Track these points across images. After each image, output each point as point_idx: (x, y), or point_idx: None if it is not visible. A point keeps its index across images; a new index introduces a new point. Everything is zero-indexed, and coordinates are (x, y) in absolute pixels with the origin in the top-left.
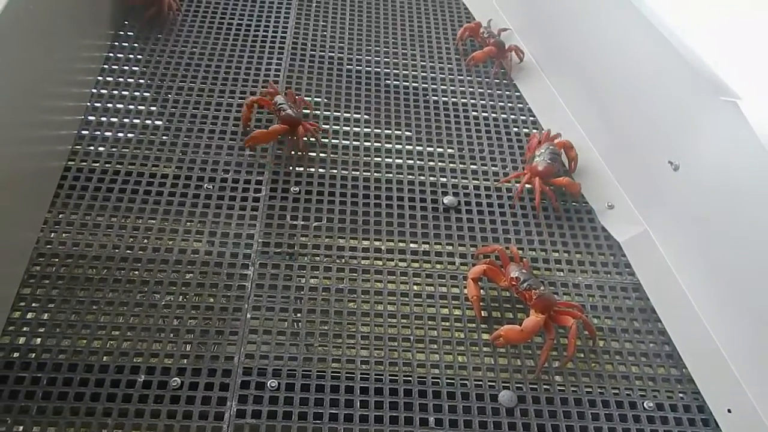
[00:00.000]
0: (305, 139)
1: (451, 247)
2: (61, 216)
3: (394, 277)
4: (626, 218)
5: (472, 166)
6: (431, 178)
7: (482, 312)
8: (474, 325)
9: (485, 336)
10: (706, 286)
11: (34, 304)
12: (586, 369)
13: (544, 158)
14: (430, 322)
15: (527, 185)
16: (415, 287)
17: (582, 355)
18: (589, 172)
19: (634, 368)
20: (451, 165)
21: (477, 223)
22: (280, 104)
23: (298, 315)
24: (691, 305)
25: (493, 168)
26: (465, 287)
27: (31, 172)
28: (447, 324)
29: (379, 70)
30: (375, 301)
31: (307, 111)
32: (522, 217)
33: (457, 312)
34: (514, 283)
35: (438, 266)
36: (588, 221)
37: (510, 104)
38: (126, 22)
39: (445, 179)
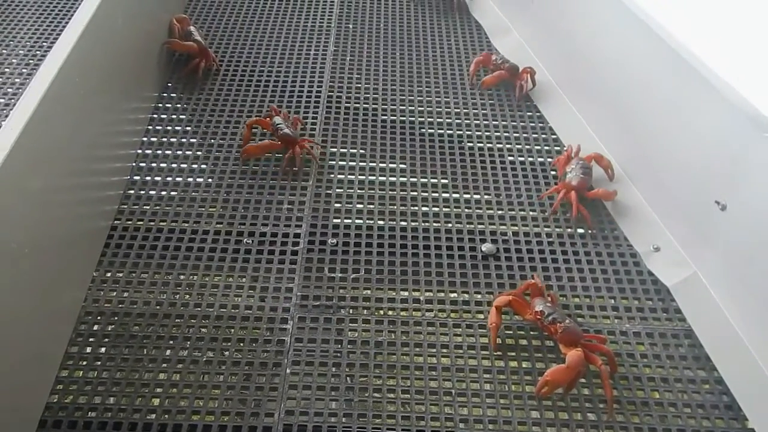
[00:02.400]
0: (301, 155)
1: (491, 296)
2: (107, 274)
3: (434, 328)
4: (673, 261)
5: (510, 212)
6: (468, 226)
7: (497, 340)
8: (517, 377)
9: (529, 388)
10: (764, 331)
11: (81, 363)
12: (638, 423)
13: (576, 173)
14: (472, 375)
15: (564, 201)
16: (455, 338)
17: (633, 407)
18: (631, 213)
19: (691, 421)
20: (489, 211)
21: (517, 270)
22: (277, 124)
23: (338, 369)
24: (749, 352)
25: (531, 213)
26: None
27: (80, 233)
28: (489, 376)
29: (413, 118)
30: (415, 354)
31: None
32: (564, 263)
33: (499, 363)
34: (538, 316)
35: (478, 316)
36: (633, 265)
37: (546, 147)
38: (169, 84)
39: (482, 226)
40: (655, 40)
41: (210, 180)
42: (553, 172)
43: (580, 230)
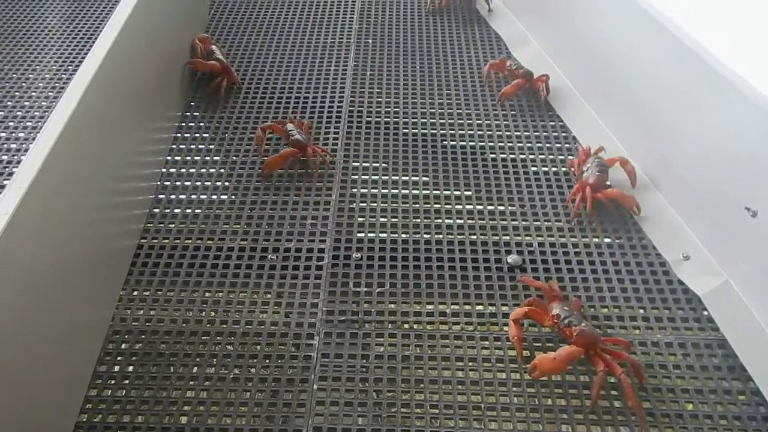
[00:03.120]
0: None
1: (518, 308)
2: (134, 293)
3: (461, 341)
4: (704, 269)
5: (534, 223)
6: (493, 237)
7: (524, 352)
8: (547, 389)
9: (560, 401)
10: None
11: (109, 382)
12: None
13: (592, 171)
14: (501, 389)
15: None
16: (483, 351)
17: (668, 420)
18: (659, 221)
19: None
20: (513, 222)
21: (543, 281)
22: (289, 131)
23: (365, 384)
24: None
25: (557, 223)
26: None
27: (107, 252)
28: (519, 390)
29: (435, 131)
30: (443, 368)
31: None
32: (591, 273)
33: (528, 376)
34: (555, 321)
35: (506, 328)
36: (663, 274)
37: (570, 157)
38: (192, 103)
39: (507, 237)
40: (676, 43)
41: (233, 197)
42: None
43: (608, 239)
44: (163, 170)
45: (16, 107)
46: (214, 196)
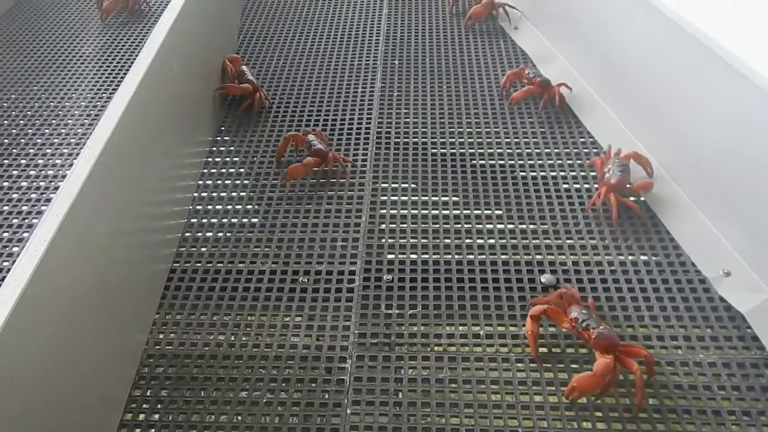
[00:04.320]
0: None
1: (553, 329)
2: (167, 316)
3: (496, 363)
4: (746, 285)
5: (568, 241)
6: (526, 257)
7: (539, 349)
8: (588, 413)
9: (601, 426)
10: None
11: (144, 406)
12: None
13: (614, 171)
14: (538, 412)
15: (604, 200)
16: (519, 374)
17: None
18: (697, 237)
19: None
20: (546, 241)
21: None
22: (311, 141)
23: (399, 408)
24: None
25: (591, 241)
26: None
27: (142, 276)
28: (557, 413)
29: (463, 150)
30: (478, 391)
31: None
32: (628, 292)
33: (566, 399)
34: (573, 324)
35: (542, 350)
36: (703, 291)
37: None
38: (222, 127)
39: (540, 257)
40: (701, 47)
41: (264, 220)
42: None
43: (644, 257)
44: (195, 194)
45: (53, 135)
46: (245, 219)
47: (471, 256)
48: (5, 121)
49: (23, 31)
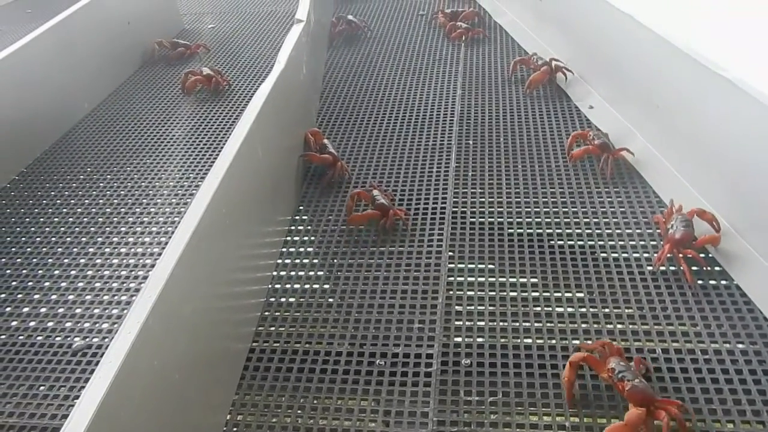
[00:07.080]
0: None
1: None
2: (246, 398)
3: None
4: None
5: (656, 327)
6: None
7: (573, 395)
8: None
9: None
10: None
11: None
12: None
13: (677, 227)
14: None
15: (669, 255)
16: None
17: None
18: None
19: None
20: (632, 326)
21: (672, 392)
22: (375, 195)
23: None
24: None
25: (681, 327)
26: None
27: (222, 356)
28: None
29: (541, 230)
30: None
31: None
32: (726, 383)
33: None
34: (610, 374)
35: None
36: None
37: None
38: (301, 207)
39: (627, 343)
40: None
41: (341, 300)
42: (700, 281)
43: (740, 345)
44: (274, 273)
45: (143, 213)
46: (321, 299)
47: (552, 341)
48: (101, 200)
49: (119, 117)
